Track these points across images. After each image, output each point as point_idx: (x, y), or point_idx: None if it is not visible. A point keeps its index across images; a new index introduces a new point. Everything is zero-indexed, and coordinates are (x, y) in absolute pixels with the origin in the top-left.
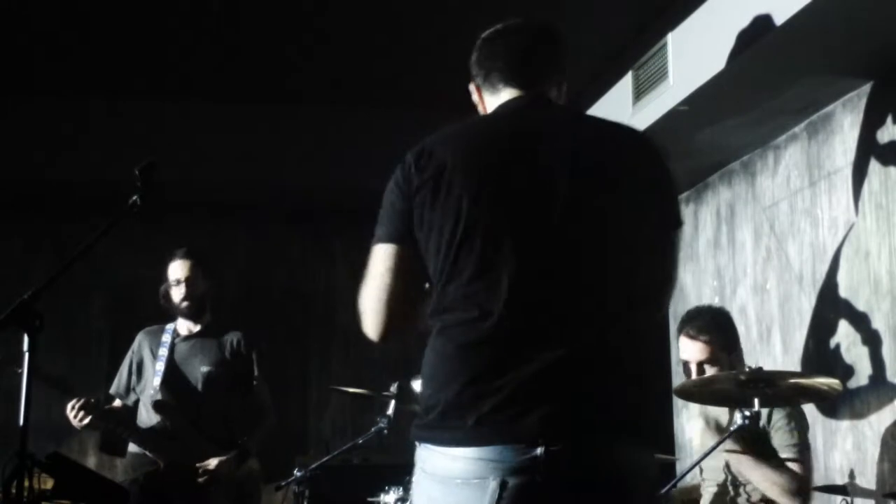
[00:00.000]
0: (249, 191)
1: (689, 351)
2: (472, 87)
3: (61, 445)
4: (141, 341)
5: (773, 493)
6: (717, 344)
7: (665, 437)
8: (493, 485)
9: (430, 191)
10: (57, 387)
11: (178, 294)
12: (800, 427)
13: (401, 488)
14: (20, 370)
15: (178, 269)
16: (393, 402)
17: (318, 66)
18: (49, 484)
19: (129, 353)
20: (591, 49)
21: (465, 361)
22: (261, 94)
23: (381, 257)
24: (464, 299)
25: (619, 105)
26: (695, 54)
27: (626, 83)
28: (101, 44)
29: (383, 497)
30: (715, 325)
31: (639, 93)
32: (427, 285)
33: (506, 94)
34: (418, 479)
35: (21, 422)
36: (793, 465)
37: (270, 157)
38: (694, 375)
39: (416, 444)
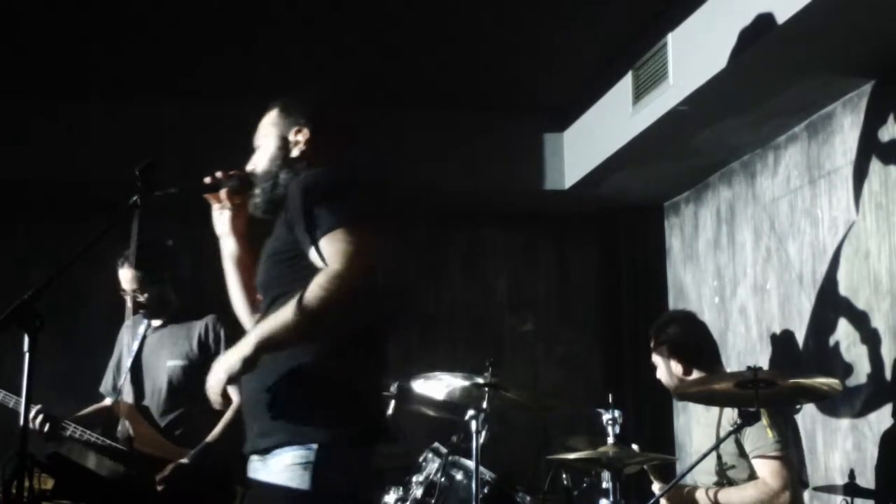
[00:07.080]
0: None
1: None
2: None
3: (61, 446)
4: (122, 334)
5: None
6: (660, 347)
7: (665, 438)
8: None
9: None
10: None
11: (129, 301)
12: (774, 425)
13: (401, 488)
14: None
15: (123, 279)
16: (393, 402)
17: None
18: (49, 484)
19: (116, 347)
20: (591, 49)
21: None
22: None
23: None
24: None
25: (619, 105)
26: (695, 54)
27: (626, 83)
28: (101, 43)
29: (383, 497)
30: (656, 329)
31: (639, 93)
32: None
33: None
34: None
35: (21, 422)
36: (770, 462)
37: None
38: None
39: None
